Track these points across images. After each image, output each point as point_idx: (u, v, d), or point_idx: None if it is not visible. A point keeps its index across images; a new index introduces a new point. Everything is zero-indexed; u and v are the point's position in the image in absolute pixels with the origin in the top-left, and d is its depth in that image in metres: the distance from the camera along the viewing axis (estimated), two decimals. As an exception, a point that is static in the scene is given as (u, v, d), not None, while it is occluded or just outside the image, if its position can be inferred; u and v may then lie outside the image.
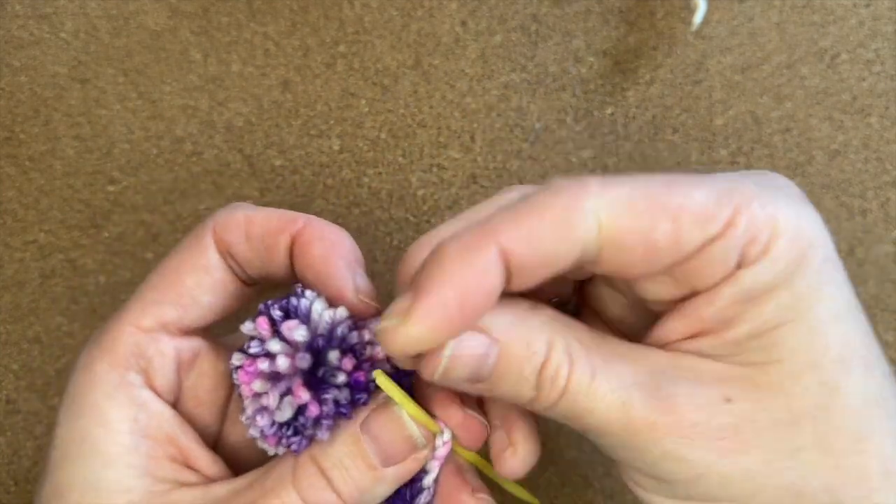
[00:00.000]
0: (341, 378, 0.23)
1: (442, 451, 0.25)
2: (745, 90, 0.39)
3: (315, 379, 0.23)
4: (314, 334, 0.23)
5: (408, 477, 0.25)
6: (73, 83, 0.41)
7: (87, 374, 0.25)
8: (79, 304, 0.38)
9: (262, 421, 0.23)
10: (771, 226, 0.21)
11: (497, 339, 0.21)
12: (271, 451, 0.25)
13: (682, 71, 0.40)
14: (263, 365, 0.23)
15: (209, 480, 0.25)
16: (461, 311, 0.19)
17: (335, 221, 0.38)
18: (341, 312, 0.24)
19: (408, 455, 0.24)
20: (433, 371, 0.21)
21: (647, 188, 0.21)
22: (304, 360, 0.23)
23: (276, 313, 0.24)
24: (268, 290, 0.29)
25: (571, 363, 0.21)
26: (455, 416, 0.25)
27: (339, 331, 0.24)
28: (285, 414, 0.23)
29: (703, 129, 0.39)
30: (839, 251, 0.23)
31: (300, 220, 0.26)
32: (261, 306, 0.24)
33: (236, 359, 0.24)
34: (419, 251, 0.23)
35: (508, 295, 0.21)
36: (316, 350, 0.23)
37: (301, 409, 0.23)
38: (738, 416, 0.21)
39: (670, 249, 0.21)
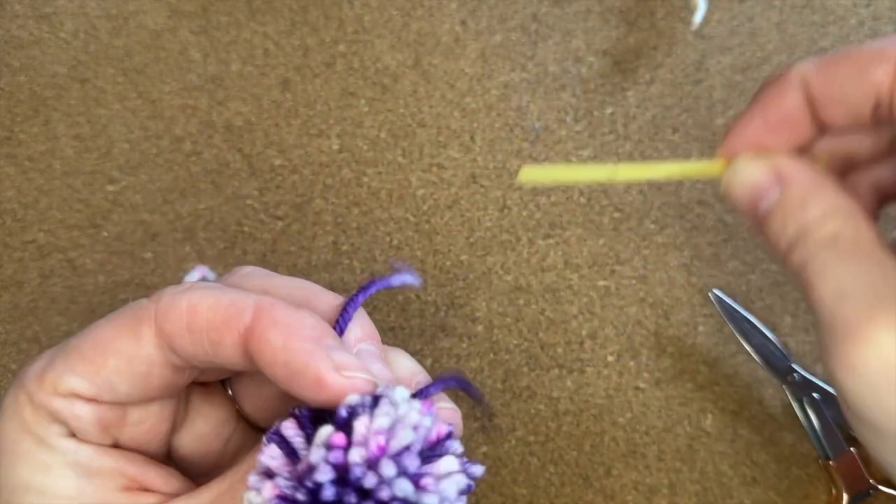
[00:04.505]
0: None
1: None
2: (745, 90, 0.39)
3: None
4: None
5: None
6: (72, 83, 0.41)
7: (15, 420, 0.23)
8: (78, 304, 0.38)
9: None
10: None
11: (783, 182, 0.24)
12: None
13: (682, 71, 0.40)
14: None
15: (168, 496, 0.24)
16: (766, 127, 0.25)
17: (335, 221, 0.39)
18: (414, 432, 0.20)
19: None
20: (725, 184, 0.25)
21: None
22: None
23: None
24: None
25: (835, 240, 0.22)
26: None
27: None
28: None
29: (703, 129, 0.39)
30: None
31: (247, 312, 0.22)
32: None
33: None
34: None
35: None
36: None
37: None
38: None
39: None
